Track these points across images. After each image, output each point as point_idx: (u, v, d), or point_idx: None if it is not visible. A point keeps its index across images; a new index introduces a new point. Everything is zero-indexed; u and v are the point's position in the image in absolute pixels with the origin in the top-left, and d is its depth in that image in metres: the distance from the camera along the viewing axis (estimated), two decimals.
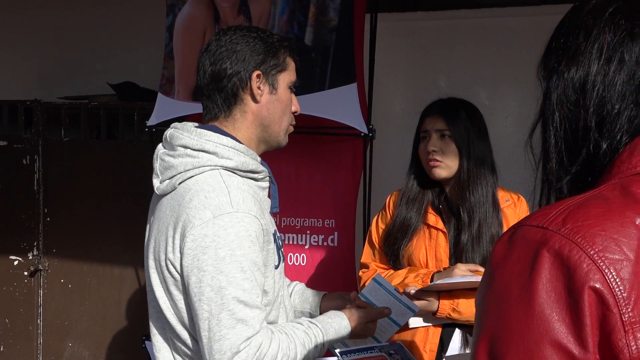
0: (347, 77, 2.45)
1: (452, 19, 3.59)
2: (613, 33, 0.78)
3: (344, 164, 2.71)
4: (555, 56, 0.83)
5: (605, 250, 0.66)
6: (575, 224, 0.68)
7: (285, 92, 1.53)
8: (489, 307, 0.71)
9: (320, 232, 2.74)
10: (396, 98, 3.63)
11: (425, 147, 2.07)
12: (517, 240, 0.72)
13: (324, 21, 2.45)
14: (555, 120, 0.81)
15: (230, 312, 1.34)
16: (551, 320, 0.66)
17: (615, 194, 0.72)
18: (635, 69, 0.77)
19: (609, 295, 0.65)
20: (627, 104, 0.77)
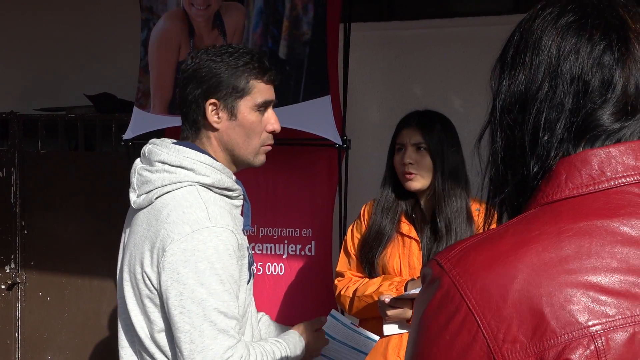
0: (321, 89, 2.49)
1: (427, 28, 3.64)
2: (557, 49, 0.77)
3: (320, 174, 2.75)
4: (504, 64, 0.82)
5: (481, 299, 0.69)
6: (463, 267, 0.71)
7: (249, 116, 1.52)
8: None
9: (298, 242, 2.78)
10: (372, 107, 3.68)
11: (401, 159, 2.12)
12: (425, 270, 0.76)
13: (297, 35, 2.49)
14: (498, 134, 0.81)
15: (212, 323, 1.37)
16: (431, 351, 0.71)
17: (515, 230, 0.73)
18: (574, 90, 0.76)
19: (484, 340, 0.68)
20: (561, 127, 0.76)
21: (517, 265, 0.69)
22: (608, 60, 0.76)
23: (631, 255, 0.69)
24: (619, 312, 0.67)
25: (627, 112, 0.76)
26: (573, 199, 0.74)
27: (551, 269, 0.69)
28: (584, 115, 0.76)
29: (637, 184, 0.73)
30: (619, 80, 0.75)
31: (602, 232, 0.70)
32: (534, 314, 0.67)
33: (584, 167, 0.74)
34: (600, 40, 0.76)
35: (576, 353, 0.66)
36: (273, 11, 2.52)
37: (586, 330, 0.66)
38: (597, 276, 0.68)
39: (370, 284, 2.12)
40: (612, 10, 0.78)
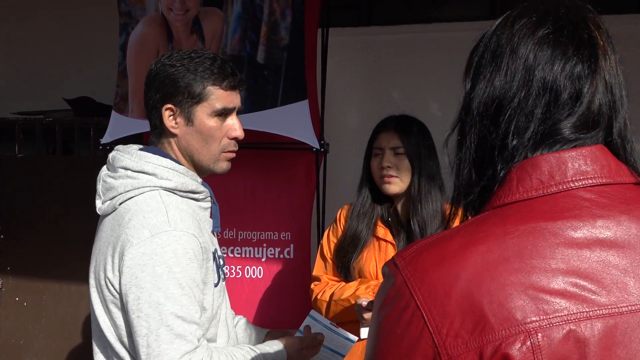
0: (299, 94, 2.52)
1: (406, 34, 3.69)
2: (533, 59, 0.79)
3: (298, 178, 2.77)
4: (476, 71, 0.84)
5: (428, 296, 0.73)
6: (414, 266, 0.75)
7: (207, 122, 1.50)
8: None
9: (277, 245, 2.80)
10: (351, 112, 3.71)
11: (379, 163, 2.13)
12: (384, 268, 0.80)
13: (275, 40, 2.51)
14: (473, 134, 0.83)
15: (168, 328, 1.37)
16: (386, 344, 0.75)
17: (466, 231, 0.76)
18: (544, 100, 0.78)
19: (429, 335, 0.72)
20: (528, 134, 0.78)
21: (462, 265, 0.73)
22: (579, 75, 0.79)
23: (572, 257, 0.73)
24: (556, 311, 0.70)
25: (587, 126, 0.79)
26: (523, 202, 0.77)
27: (493, 269, 0.72)
28: (550, 124, 0.78)
29: (585, 188, 0.77)
30: (586, 95, 0.79)
31: (545, 234, 0.73)
32: (475, 310, 0.71)
33: (535, 172, 0.77)
34: (574, 55, 0.79)
35: (513, 348, 0.69)
36: (251, 16, 2.55)
37: (523, 327, 0.69)
38: (537, 276, 0.71)
39: (346, 287, 2.13)
40: (585, 27, 0.81)
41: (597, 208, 0.75)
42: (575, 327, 0.70)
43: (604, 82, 0.80)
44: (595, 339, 0.70)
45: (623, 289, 0.72)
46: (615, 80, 0.81)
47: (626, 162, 0.80)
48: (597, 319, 0.70)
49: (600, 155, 0.78)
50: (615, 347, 0.70)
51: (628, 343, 0.70)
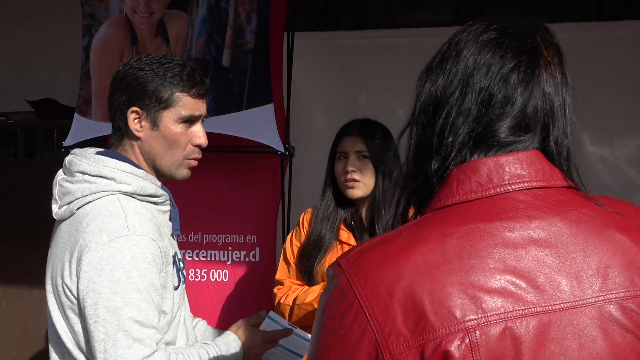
0: (264, 97, 2.53)
1: (372, 38, 3.73)
2: (473, 62, 0.83)
3: (264, 181, 2.78)
4: (429, 69, 0.88)
5: (371, 295, 0.75)
6: (358, 266, 0.77)
7: (173, 127, 1.50)
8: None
9: (242, 248, 2.80)
10: (318, 115, 3.73)
11: (343, 168, 2.14)
12: (328, 270, 0.82)
13: (240, 44, 2.52)
14: (414, 133, 0.86)
15: (126, 333, 1.37)
16: (328, 343, 0.77)
17: (408, 232, 0.79)
18: (480, 100, 0.82)
19: (372, 334, 0.74)
20: (462, 133, 0.82)
21: (404, 265, 0.75)
22: (513, 78, 0.82)
23: (508, 257, 0.76)
24: (494, 309, 0.73)
25: (521, 128, 0.82)
26: (462, 204, 0.80)
27: (434, 269, 0.75)
28: (485, 124, 0.82)
29: (521, 191, 0.80)
30: (519, 98, 0.82)
31: (483, 235, 0.77)
32: (416, 309, 0.73)
33: (474, 175, 0.81)
34: (512, 60, 0.83)
35: (452, 346, 0.72)
36: (217, 20, 2.55)
37: (462, 325, 0.72)
38: (476, 275, 0.75)
39: (310, 291, 2.14)
40: (529, 36, 0.84)
41: (532, 210, 0.78)
42: (512, 324, 0.73)
43: (542, 89, 0.83)
44: (530, 336, 0.73)
45: (556, 288, 0.75)
46: (556, 90, 0.84)
47: (560, 167, 0.84)
48: (532, 317, 0.73)
49: (536, 160, 0.82)
50: (549, 344, 0.73)
51: (560, 340, 0.74)
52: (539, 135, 0.83)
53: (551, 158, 0.83)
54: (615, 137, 3.43)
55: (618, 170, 3.43)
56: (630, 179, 3.43)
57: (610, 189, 3.43)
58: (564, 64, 0.85)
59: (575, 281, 0.76)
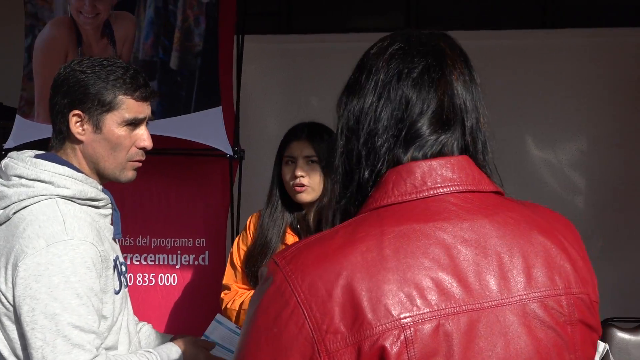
0: (213, 100, 2.52)
1: (324, 42, 3.76)
2: (385, 73, 0.87)
3: (214, 185, 2.77)
4: (345, 90, 0.92)
5: (309, 292, 0.77)
6: (296, 264, 0.79)
7: (116, 130, 1.50)
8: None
9: (191, 252, 2.78)
10: (270, 118, 3.73)
11: (291, 172, 2.13)
12: (262, 269, 0.83)
13: (189, 46, 2.51)
14: (340, 146, 0.90)
15: (65, 338, 1.35)
16: (259, 345, 0.78)
17: (345, 231, 0.82)
18: (397, 106, 0.86)
19: (309, 331, 0.76)
20: (387, 137, 0.85)
21: (342, 263, 0.77)
22: (425, 79, 0.87)
23: (442, 256, 0.79)
24: (428, 306, 0.77)
25: (443, 123, 0.87)
26: (398, 205, 0.84)
27: (372, 267, 0.77)
28: (408, 126, 0.86)
29: (452, 193, 0.84)
30: (434, 97, 0.87)
31: (418, 235, 0.80)
32: (354, 307, 0.75)
33: (409, 177, 0.84)
34: (419, 63, 0.88)
35: (388, 342, 0.75)
36: (164, 22, 2.53)
37: (398, 322, 0.75)
38: (411, 274, 0.78)
39: None
40: (432, 41, 0.90)
41: (463, 212, 0.83)
42: (444, 321, 0.76)
43: (453, 87, 0.88)
44: (460, 333, 0.77)
45: (485, 287, 0.79)
46: (466, 87, 0.89)
47: (483, 168, 0.89)
48: (463, 314, 0.77)
49: (466, 165, 0.86)
50: (478, 340, 0.77)
51: (489, 335, 0.77)
52: (459, 131, 0.87)
53: (478, 163, 0.88)
54: (558, 141, 3.55)
55: (561, 173, 3.55)
56: (572, 181, 3.55)
57: (553, 191, 3.54)
58: (470, 64, 0.91)
59: (502, 280, 0.80)
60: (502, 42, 3.50)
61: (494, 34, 3.53)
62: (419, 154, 0.86)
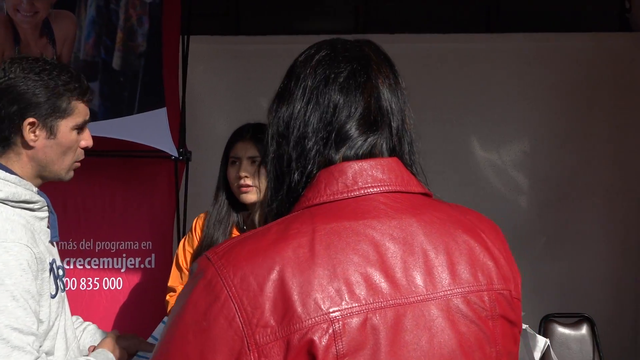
0: (157, 101, 2.50)
1: (273, 44, 3.75)
2: (312, 79, 0.90)
3: (160, 187, 2.75)
4: (276, 97, 0.95)
5: (240, 286, 0.78)
6: (228, 259, 0.80)
7: (69, 135, 1.53)
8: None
9: (137, 255, 2.75)
10: (219, 120, 3.71)
11: (236, 173, 2.14)
12: (193, 265, 0.84)
13: (132, 46, 2.48)
14: (271, 151, 0.92)
15: (4, 341, 1.33)
16: (186, 339, 0.78)
17: (278, 228, 0.84)
18: (326, 109, 0.89)
19: (239, 325, 0.77)
20: (317, 140, 0.88)
21: (274, 258, 0.79)
22: (351, 84, 0.90)
23: (371, 252, 0.82)
24: (356, 300, 0.79)
25: (371, 125, 0.90)
26: (330, 203, 0.86)
27: (303, 263, 0.79)
28: (337, 128, 0.89)
29: (382, 193, 0.88)
30: (361, 100, 0.90)
31: (349, 232, 0.83)
32: (285, 301, 0.77)
33: (341, 177, 0.87)
34: (345, 68, 0.91)
35: (316, 335, 0.77)
36: (106, 22, 2.49)
37: (327, 316, 0.77)
38: (341, 269, 0.80)
39: None
40: (357, 47, 0.94)
41: (392, 211, 0.86)
42: (372, 315, 0.79)
43: (378, 90, 0.91)
44: (387, 326, 0.79)
45: (411, 282, 0.82)
46: (391, 90, 0.93)
47: (412, 172, 0.93)
48: (389, 309, 0.80)
49: (396, 166, 0.90)
50: (404, 333, 0.80)
51: (414, 329, 0.80)
52: (387, 132, 0.91)
53: (395, 151, 0.91)
54: (502, 142, 3.63)
55: (505, 174, 3.64)
56: (515, 181, 3.65)
57: (498, 191, 3.63)
58: (395, 69, 0.95)
59: (428, 276, 0.83)
60: (447, 46, 3.57)
61: (440, 38, 3.60)
62: (351, 153, 0.88)
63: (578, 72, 3.58)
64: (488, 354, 0.83)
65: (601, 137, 3.60)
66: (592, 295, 3.51)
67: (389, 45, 3.72)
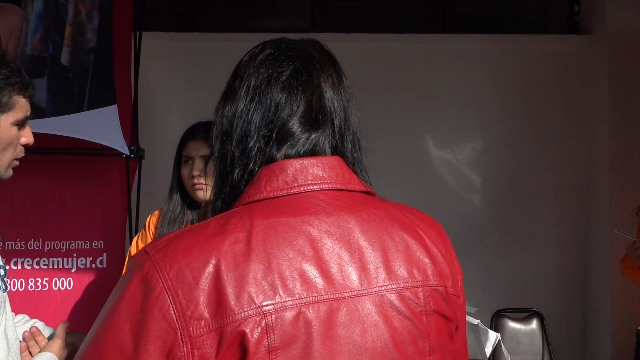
0: (107, 98, 2.46)
1: (230, 41, 3.73)
2: (255, 78, 0.91)
3: (112, 185, 2.70)
4: (222, 97, 0.96)
5: (176, 279, 0.79)
6: (165, 252, 0.81)
7: (10, 131, 1.50)
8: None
9: (88, 254, 2.70)
10: (175, 117, 3.67)
11: (189, 172, 2.13)
12: (131, 259, 0.86)
13: (81, 42, 2.43)
14: (215, 150, 0.93)
15: None
16: (122, 329, 0.79)
17: (217, 223, 0.84)
18: (268, 108, 0.90)
19: (173, 317, 0.78)
20: (259, 138, 0.89)
21: (211, 252, 0.80)
22: (293, 82, 0.91)
23: (307, 248, 0.83)
24: (290, 295, 0.80)
25: (313, 123, 0.91)
26: (270, 200, 0.87)
27: (239, 257, 0.80)
28: (279, 126, 0.90)
29: (322, 191, 0.89)
30: (302, 98, 0.91)
31: (286, 228, 0.84)
32: (219, 294, 0.78)
33: (281, 174, 0.88)
34: (288, 67, 0.92)
35: (248, 328, 0.78)
36: (54, 16, 2.44)
37: (260, 309, 0.79)
38: (276, 264, 0.81)
39: None
40: (301, 46, 0.95)
41: (330, 208, 0.87)
42: (305, 309, 0.80)
43: (321, 88, 0.92)
44: (320, 320, 0.80)
45: (346, 278, 0.83)
46: (334, 89, 0.94)
47: (356, 172, 0.94)
48: (323, 303, 0.81)
49: (337, 165, 0.91)
50: (336, 328, 0.81)
51: (348, 323, 0.82)
52: (329, 129, 0.92)
53: (338, 149, 0.92)
54: (456, 141, 3.70)
55: (459, 173, 3.70)
56: (469, 179, 3.72)
57: (452, 189, 3.70)
58: (338, 67, 0.96)
59: (363, 272, 0.84)
60: (403, 45, 3.62)
61: (396, 37, 3.64)
62: (292, 151, 0.89)
63: (529, 73, 3.67)
64: (421, 348, 0.85)
65: (550, 137, 3.70)
66: (542, 291, 3.61)
67: (346, 44, 3.78)
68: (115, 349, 0.78)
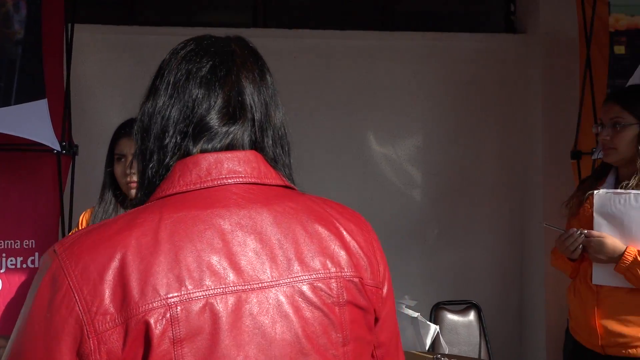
0: (37, 92, 2.38)
1: (170, 35, 3.65)
2: (175, 74, 0.92)
3: (43, 182, 2.62)
4: (145, 94, 0.95)
5: (81, 276, 0.79)
6: (72, 250, 0.81)
7: None
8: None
9: (19, 254, 2.61)
10: (113, 112, 3.58)
11: (122, 170, 2.09)
12: (43, 257, 0.85)
13: (7, 33, 2.34)
14: (137, 146, 0.94)
15: None
16: (34, 328, 0.79)
17: (127, 218, 0.84)
18: (186, 103, 0.90)
19: (79, 313, 0.78)
20: (175, 133, 0.90)
21: (116, 247, 0.80)
22: (210, 78, 0.92)
23: (216, 240, 0.83)
24: (196, 287, 0.80)
25: (230, 117, 0.92)
26: (182, 194, 0.87)
27: (145, 250, 0.80)
28: (196, 121, 0.90)
29: (236, 184, 0.89)
30: (220, 93, 0.91)
31: (195, 221, 0.84)
32: (124, 289, 0.78)
33: (195, 168, 0.88)
34: (207, 62, 0.92)
35: (152, 319, 0.78)
36: None
37: (164, 301, 0.79)
38: (183, 257, 0.81)
39: None
40: (223, 42, 0.96)
41: (243, 201, 0.87)
42: (212, 301, 0.80)
43: (241, 84, 0.93)
44: (228, 312, 0.81)
45: (257, 269, 0.84)
46: (255, 84, 0.94)
47: (275, 167, 0.94)
48: (231, 294, 0.81)
49: (253, 159, 0.91)
50: (245, 319, 0.82)
51: (257, 315, 0.82)
52: (249, 124, 0.92)
53: (256, 145, 0.93)
54: (397, 137, 3.74)
55: (400, 168, 3.75)
56: (410, 175, 3.77)
57: (393, 185, 3.74)
58: (261, 63, 0.97)
59: (274, 264, 0.85)
60: (345, 42, 3.63)
61: (338, 34, 3.65)
62: (209, 146, 0.90)
63: (468, 71, 3.74)
64: (334, 339, 0.85)
65: (489, 134, 3.79)
66: (480, 284, 3.70)
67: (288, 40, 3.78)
68: (31, 352, 0.78)
